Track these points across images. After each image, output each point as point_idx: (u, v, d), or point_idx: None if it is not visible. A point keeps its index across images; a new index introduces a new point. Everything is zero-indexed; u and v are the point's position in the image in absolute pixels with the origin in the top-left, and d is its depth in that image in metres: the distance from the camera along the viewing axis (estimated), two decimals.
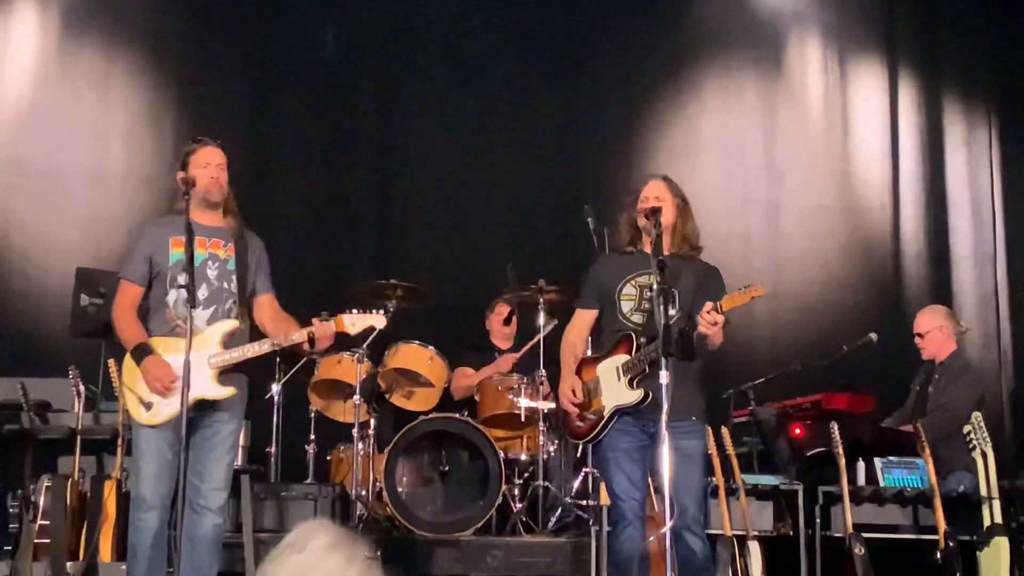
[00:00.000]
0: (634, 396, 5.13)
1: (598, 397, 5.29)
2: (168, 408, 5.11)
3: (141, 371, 5.13)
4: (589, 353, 5.62)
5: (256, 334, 5.39)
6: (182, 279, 5.07)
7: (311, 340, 5.27)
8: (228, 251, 5.35)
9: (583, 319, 5.55)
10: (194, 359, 5.06)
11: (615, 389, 5.22)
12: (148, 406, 5.15)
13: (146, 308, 5.29)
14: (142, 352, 5.16)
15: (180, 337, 5.08)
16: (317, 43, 9.99)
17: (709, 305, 4.90)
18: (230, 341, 5.27)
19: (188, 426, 5.09)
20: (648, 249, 5.27)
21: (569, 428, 5.52)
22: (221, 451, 5.26)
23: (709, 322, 4.89)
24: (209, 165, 5.33)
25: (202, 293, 5.24)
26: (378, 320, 5.53)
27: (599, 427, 5.25)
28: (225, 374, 5.23)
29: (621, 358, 5.22)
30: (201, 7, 9.87)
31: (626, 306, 5.31)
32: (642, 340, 5.13)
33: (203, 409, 5.19)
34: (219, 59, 9.82)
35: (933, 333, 7.44)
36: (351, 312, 5.44)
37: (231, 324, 5.30)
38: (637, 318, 5.26)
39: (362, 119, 9.92)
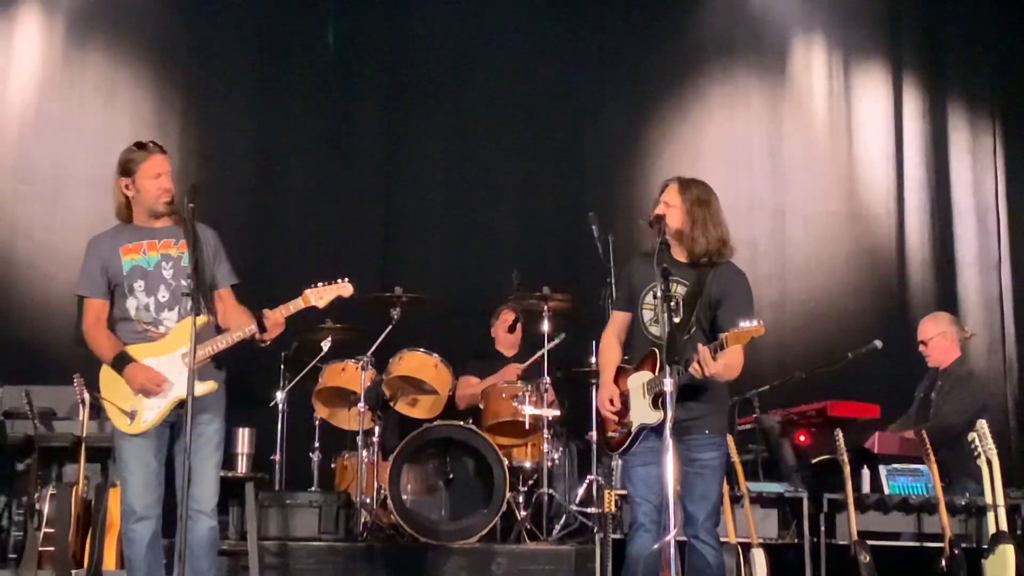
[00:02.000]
0: (655, 417, 5.03)
1: (629, 410, 5.21)
2: (150, 414, 5.09)
3: (124, 379, 5.10)
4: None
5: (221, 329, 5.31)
6: (138, 285, 5.16)
7: (260, 325, 5.15)
8: (180, 248, 5.24)
9: (616, 321, 5.44)
10: (166, 360, 5.12)
11: (640, 406, 5.14)
12: (131, 415, 5.10)
13: (111, 321, 5.25)
14: (123, 360, 5.12)
15: (152, 342, 5.13)
16: (321, 50, 9.99)
17: (704, 351, 4.85)
18: (198, 337, 5.12)
19: (170, 430, 5.15)
20: (676, 254, 5.24)
21: (605, 439, 5.44)
22: (207, 452, 5.19)
23: (696, 369, 4.87)
24: (160, 175, 5.26)
25: (162, 296, 5.21)
26: (344, 288, 5.41)
27: (628, 441, 5.19)
28: (202, 370, 5.14)
29: (645, 375, 5.13)
30: (206, 14, 9.87)
31: (647, 315, 5.23)
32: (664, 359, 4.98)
33: (182, 409, 5.14)
34: (224, 67, 9.83)
35: (937, 340, 7.44)
36: (316, 286, 5.35)
37: (198, 320, 5.11)
38: (655, 330, 5.16)
39: (367, 126, 9.92)
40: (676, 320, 5.05)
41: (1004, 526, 6.31)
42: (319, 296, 5.34)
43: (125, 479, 5.14)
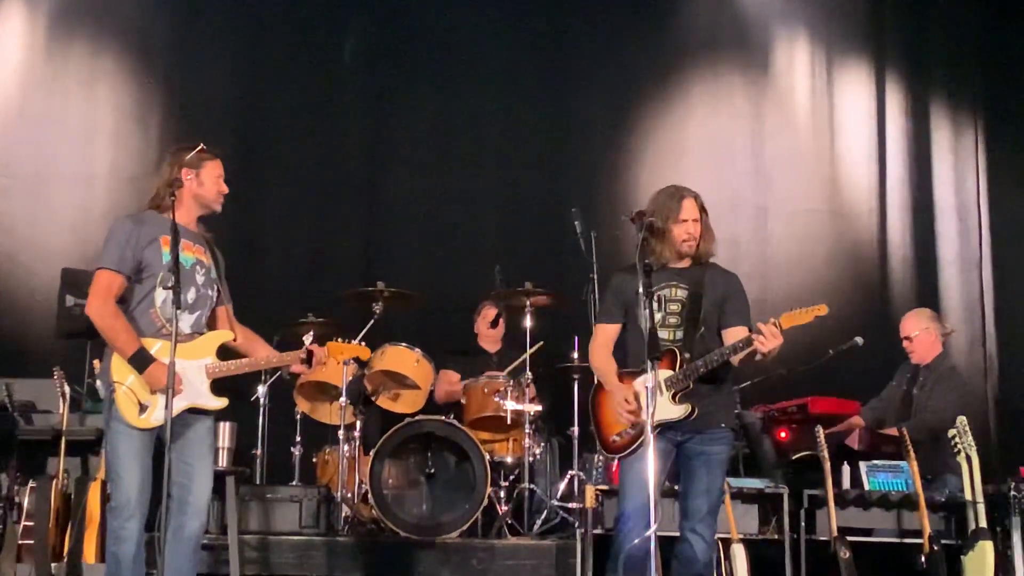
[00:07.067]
0: (679, 411, 5.07)
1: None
2: (161, 414, 4.93)
3: (145, 378, 4.97)
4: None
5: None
6: (171, 281, 4.97)
7: (308, 360, 5.32)
8: (207, 259, 5.30)
9: (605, 333, 5.42)
10: (190, 366, 5.07)
11: (660, 403, 5.07)
12: (143, 408, 4.99)
13: (126, 307, 5.10)
14: (146, 359, 4.98)
15: (167, 339, 4.94)
16: (304, 44, 9.97)
17: (767, 327, 4.99)
18: (227, 353, 5.27)
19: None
20: (675, 260, 5.29)
21: (604, 443, 5.36)
22: (204, 448, 5.20)
23: (767, 341, 4.98)
24: (219, 178, 5.30)
25: (190, 296, 5.17)
26: (362, 351, 5.82)
27: (638, 442, 5.16)
28: (218, 384, 5.18)
29: (664, 373, 5.13)
30: (187, 7, 9.86)
31: (657, 318, 5.20)
32: (686, 356, 5.08)
33: (189, 414, 5.14)
34: (206, 60, 9.79)
35: (921, 336, 7.47)
36: (338, 340, 5.67)
37: (228, 335, 5.29)
38: (664, 333, 5.19)
39: (350, 122, 9.90)
40: (674, 320, 5.21)
41: (983, 522, 6.35)
42: (340, 351, 5.71)
43: (121, 476, 4.98)
